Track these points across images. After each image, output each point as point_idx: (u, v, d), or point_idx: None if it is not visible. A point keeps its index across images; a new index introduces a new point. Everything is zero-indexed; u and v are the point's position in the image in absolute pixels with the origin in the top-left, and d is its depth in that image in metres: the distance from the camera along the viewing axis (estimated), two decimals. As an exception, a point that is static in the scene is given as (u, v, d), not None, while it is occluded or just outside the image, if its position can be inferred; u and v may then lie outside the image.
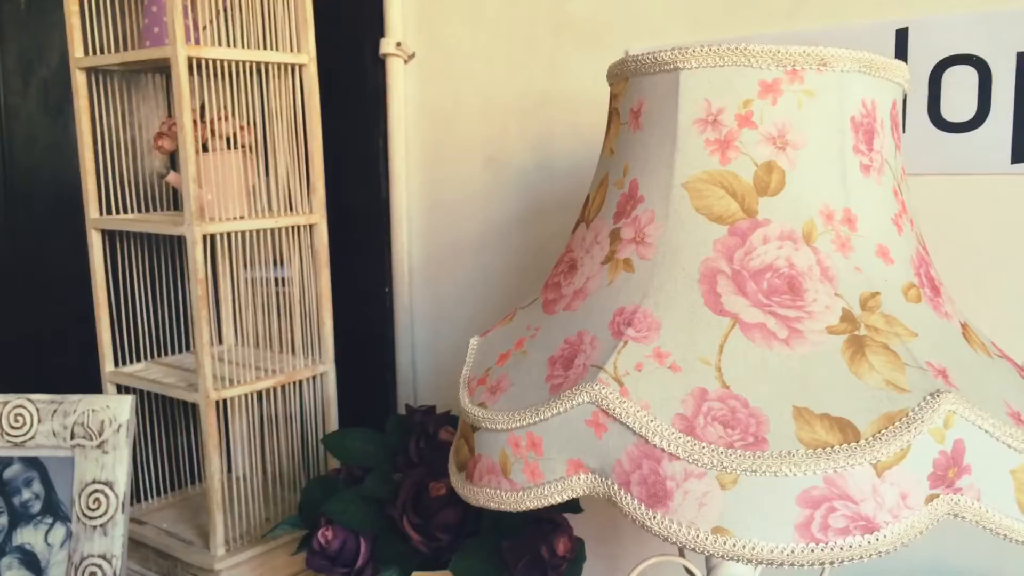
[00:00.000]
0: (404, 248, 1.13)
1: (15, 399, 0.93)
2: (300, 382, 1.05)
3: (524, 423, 0.57)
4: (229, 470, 1.15)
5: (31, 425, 0.92)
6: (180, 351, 1.14)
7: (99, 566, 0.89)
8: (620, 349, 0.56)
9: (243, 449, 1.04)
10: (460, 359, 1.10)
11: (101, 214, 1.05)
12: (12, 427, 0.92)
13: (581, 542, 0.84)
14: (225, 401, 0.99)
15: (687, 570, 0.75)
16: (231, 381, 0.98)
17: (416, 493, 0.81)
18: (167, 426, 1.13)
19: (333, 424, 1.08)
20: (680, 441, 0.51)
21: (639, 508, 0.52)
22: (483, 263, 1.07)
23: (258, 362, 1.04)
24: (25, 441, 0.92)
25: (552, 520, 0.81)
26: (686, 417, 0.52)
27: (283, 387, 1.04)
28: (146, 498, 1.11)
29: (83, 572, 0.89)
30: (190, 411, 1.14)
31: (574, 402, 0.55)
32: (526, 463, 0.57)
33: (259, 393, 1.02)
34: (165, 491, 1.13)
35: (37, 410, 0.93)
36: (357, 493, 0.82)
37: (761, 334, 0.54)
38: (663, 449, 0.51)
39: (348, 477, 0.86)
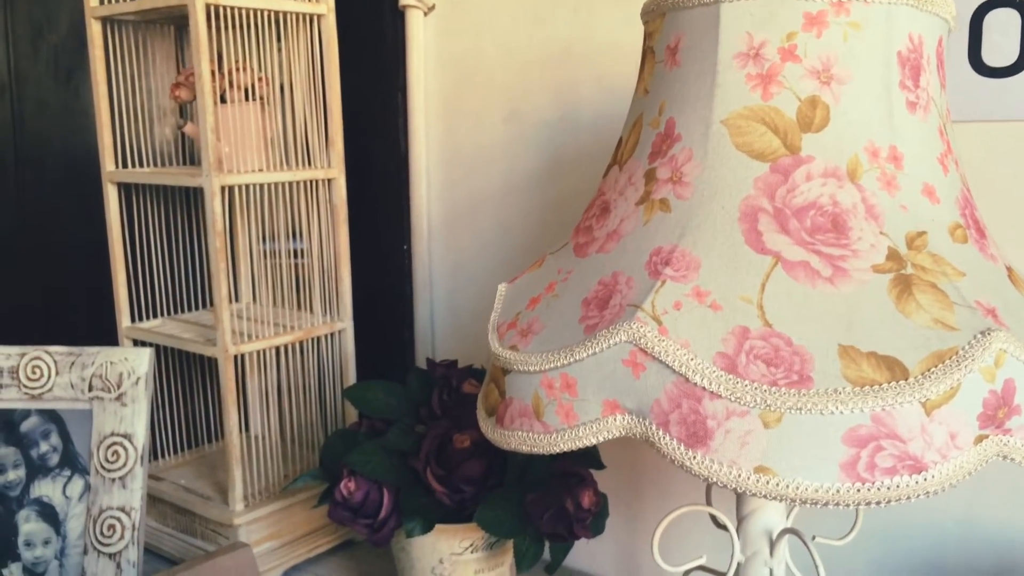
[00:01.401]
0: (423, 204, 1.11)
1: (32, 351, 0.92)
2: (318, 339, 1.04)
3: (558, 364, 0.56)
4: (246, 429, 1.14)
5: (49, 377, 0.91)
6: (197, 308, 1.13)
7: (118, 519, 0.89)
8: (658, 288, 0.54)
9: (260, 407, 1.03)
10: (480, 316, 1.09)
11: (117, 168, 1.04)
12: (29, 379, 0.91)
13: (605, 497, 0.83)
14: (243, 357, 0.98)
15: (714, 520, 0.74)
16: (249, 336, 0.97)
17: (440, 445, 0.80)
18: (184, 384, 1.12)
19: (351, 381, 1.07)
20: (722, 379, 0.50)
21: (678, 448, 0.51)
22: (503, 218, 1.05)
23: (276, 319, 1.03)
24: (43, 393, 0.91)
25: (577, 473, 0.80)
26: (727, 355, 0.51)
27: (301, 343, 1.03)
28: (163, 455, 1.11)
29: (102, 525, 0.88)
30: (207, 368, 1.13)
31: (611, 341, 0.53)
32: (560, 405, 0.56)
33: (277, 349, 1.01)
34: (182, 449, 1.12)
35: (55, 362, 0.92)
36: (379, 445, 0.81)
37: (804, 272, 0.53)
38: (704, 388, 0.50)
39: (369, 430, 0.85)
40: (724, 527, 0.73)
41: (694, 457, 0.50)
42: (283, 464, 1.03)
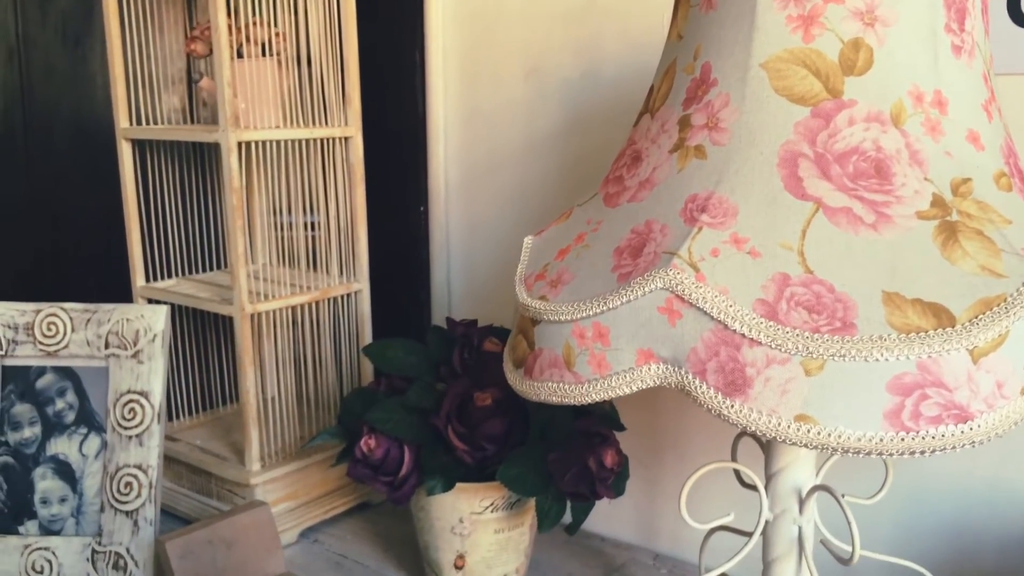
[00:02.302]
0: (440, 164, 1.09)
1: (48, 307, 0.91)
2: (334, 299, 1.03)
3: (590, 313, 0.54)
4: (262, 391, 1.13)
5: (64, 334, 0.90)
6: (211, 270, 1.11)
7: (135, 476, 0.88)
8: (694, 235, 0.53)
9: (277, 369, 1.02)
10: (497, 278, 1.08)
11: (131, 125, 1.02)
12: (45, 335, 0.90)
13: (625, 458, 0.82)
14: (259, 317, 0.97)
15: (740, 480, 0.73)
16: (265, 296, 0.96)
17: (461, 403, 0.78)
18: (198, 345, 1.11)
19: (367, 342, 1.06)
20: (762, 326, 0.48)
21: (715, 397, 0.50)
22: (522, 179, 1.04)
23: (292, 280, 1.02)
24: (58, 350, 0.90)
25: (599, 433, 0.79)
26: (767, 302, 0.49)
27: (317, 304, 1.01)
28: (177, 417, 1.10)
29: (118, 482, 0.88)
30: (222, 329, 1.12)
31: (646, 289, 0.52)
32: (592, 354, 0.54)
33: (293, 309, 1.00)
34: (196, 411, 1.12)
35: (70, 319, 0.91)
36: (400, 403, 0.80)
37: (847, 219, 0.51)
38: (743, 335, 0.49)
39: (389, 389, 0.84)
40: (751, 486, 0.72)
41: (732, 406, 0.49)
42: (299, 426, 1.02)
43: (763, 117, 0.54)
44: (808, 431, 0.47)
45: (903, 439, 0.46)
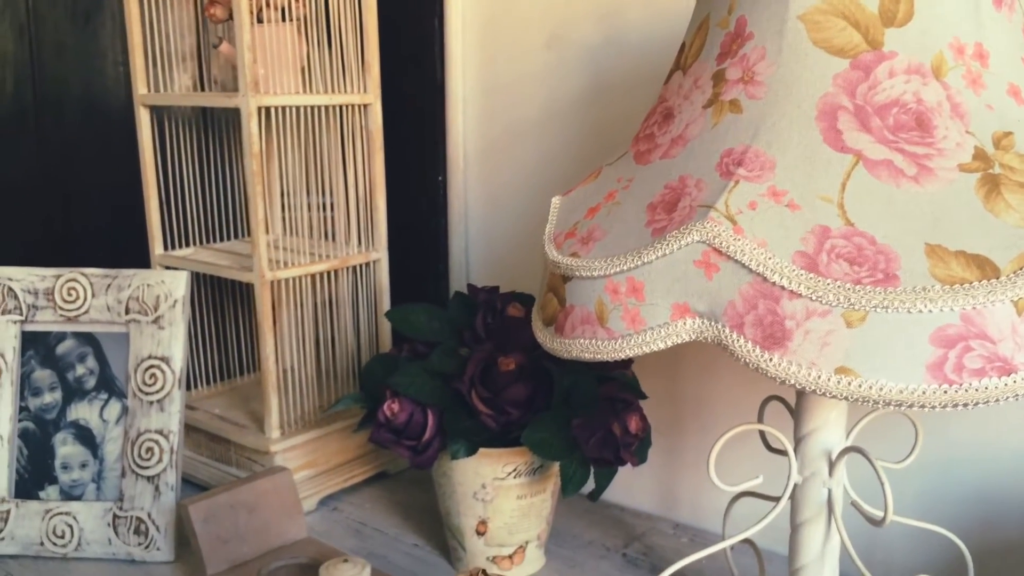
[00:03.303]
0: (460, 133, 1.09)
1: (68, 272, 0.90)
2: (353, 268, 1.02)
3: (624, 268, 0.54)
4: (280, 361, 1.13)
5: (85, 299, 0.90)
6: (229, 239, 1.11)
7: (156, 442, 0.88)
8: (731, 188, 0.52)
9: (296, 338, 1.02)
10: (517, 249, 1.07)
11: (149, 91, 1.02)
12: (65, 300, 0.90)
13: (649, 425, 0.82)
14: (278, 285, 0.96)
15: (766, 444, 0.73)
16: (284, 264, 0.96)
17: (484, 368, 0.78)
18: (216, 315, 1.10)
19: (386, 312, 1.05)
20: (802, 278, 0.48)
21: (753, 351, 0.49)
22: (543, 149, 1.03)
23: (311, 249, 1.01)
24: (79, 315, 0.90)
25: (624, 399, 0.79)
26: (807, 254, 0.49)
27: (336, 272, 1.01)
28: (195, 386, 1.10)
29: (140, 447, 0.88)
30: (239, 298, 1.12)
31: (682, 242, 0.51)
32: (626, 310, 0.54)
33: (312, 277, 0.99)
34: (213, 380, 1.11)
35: (91, 284, 0.90)
36: (423, 367, 0.80)
37: (888, 171, 0.50)
38: (783, 287, 0.48)
39: (411, 354, 0.83)
40: (778, 450, 0.72)
41: (770, 359, 0.49)
42: (317, 395, 1.02)
43: (800, 70, 0.54)
44: (849, 384, 0.47)
45: (946, 392, 0.46)
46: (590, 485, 0.80)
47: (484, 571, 0.45)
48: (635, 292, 0.53)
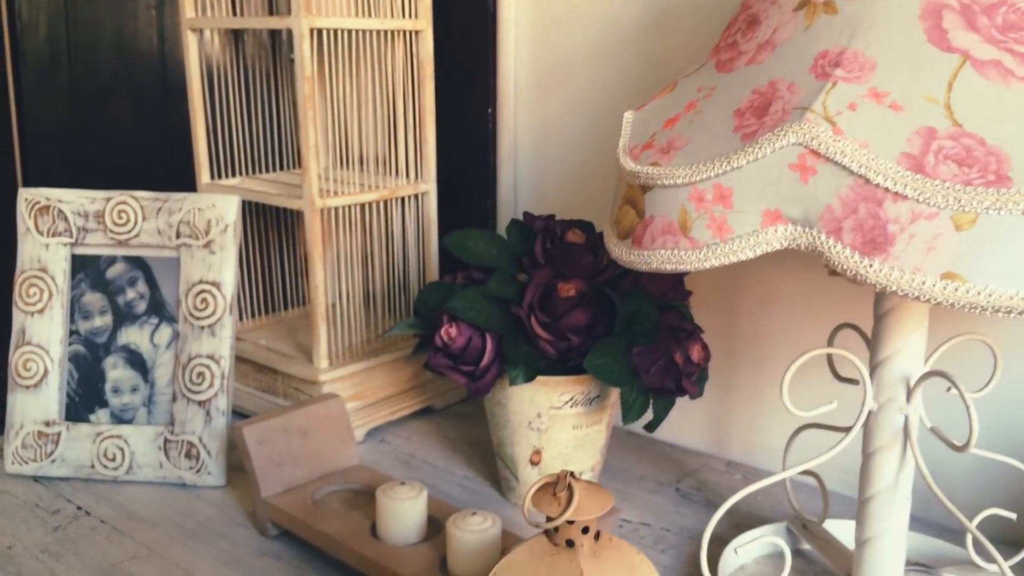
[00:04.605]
0: (511, 64, 1.06)
1: (118, 195, 0.89)
2: (403, 200, 1.01)
3: (711, 174, 0.52)
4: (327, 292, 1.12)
5: (135, 223, 0.89)
6: (274, 171, 1.09)
7: (207, 367, 0.87)
8: (828, 90, 0.50)
9: (344, 269, 1.01)
10: (568, 186, 1.05)
11: (196, 15, 1.00)
12: (116, 223, 0.89)
13: (709, 355, 0.80)
14: (328, 214, 0.94)
15: (835, 374, 0.71)
16: (334, 193, 0.94)
17: (544, 293, 0.76)
18: (261, 248, 1.09)
19: (434, 246, 1.04)
20: (908, 179, 0.46)
21: (852, 257, 0.47)
22: (597, 80, 1.00)
23: (360, 180, 1.00)
24: (129, 239, 0.89)
25: (685, 327, 0.77)
26: (913, 156, 0.46)
27: (385, 203, 0.99)
28: (240, 318, 1.09)
29: (191, 372, 0.87)
30: (284, 232, 1.11)
31: (776, 145, 0.49)
32: (712, 218, 0.52)
33: (361, 208, 0.98)
34: (258, 314, 1.11)
35: (141, 207, 0.89)
36: (481, 292, 0.78)
37: (997, 71, 0.48)
38: (887, 189, 0.46)
39: (467, 281, 0.82)
40: (847, 379, 0.70)
41: (870, 265, 0.46)
42: (365, 328, 1.01)
43: (903, -33, 0.51)
44: (956, 290, 0.45)
45: (1059, 298, 0.44)
46: (645, 418, 0.79)
47: (572, 473, 0.44)
48: (722, 199, 0.51)
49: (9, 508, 0.83)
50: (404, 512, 0.71)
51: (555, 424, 0.80)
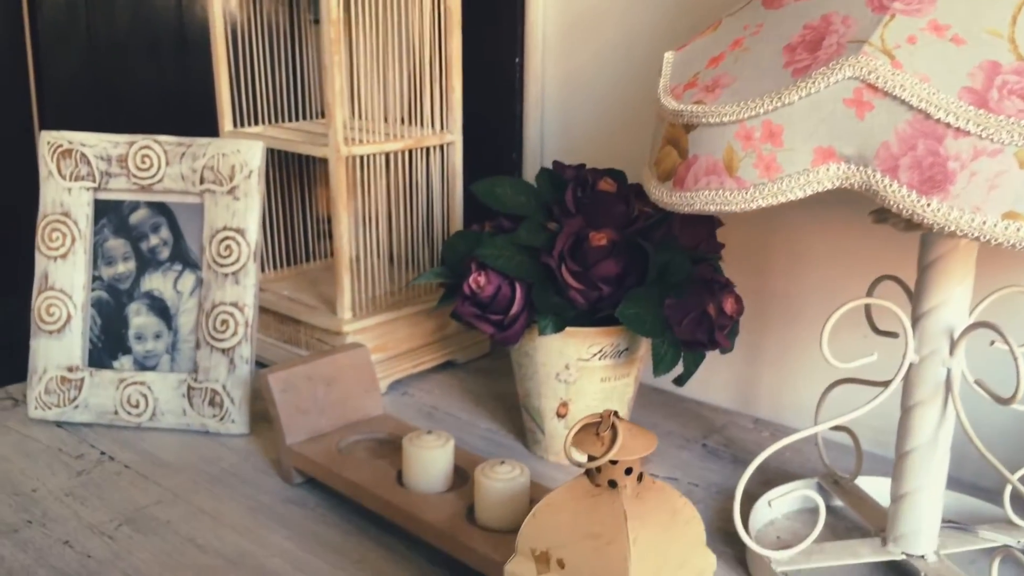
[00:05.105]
0: (539, 13, 1.04)
1: (142, 139, 0.88)
2: (427, 150, 0.99)
3: (760, 111, 0.50)
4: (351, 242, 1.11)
5: (159, 168, 0.88)
6: (297, 120, 1.08)
7: (231, 314, 0.86)
8: (886, 23, 0.48)
9: (367, 220, 0.99)
10: (596, 138, 1.03)
11: (219, -42, 0.98)
12: (139, 168, 0.88)
13: (744, 308, 0.78)
14: (353, 162, 0.93)
15: (873, 327, 0.69)
16: (359, 141, 0.92)
17: (575, 242, 0.75)
18: (283, 199, 1.08)
19: (459, 198, 1.02)
20: (971, 114, 0.44)
21: (908, 196, 0.45)
22: (628, 29, 0.98)
23: (385, 130, 0.98)
24: (152, 184, 0.88)
25: (718, 279, 0.75)
26: (975, 91, 0.44)
27: (410, 153, 0.98)
28: (262, 269, 1.08)
29: (214, 320, 0.86)
30: (306, 184, 1.09)
31: (831, 80, 0.47)
32: (759, 157, 0.50)
33: (386, 157, 0.96)
34: (279, 265, 1.09)
35: (165, 152, 0.88)
36: (510, 240, 0.77)
37: (1066, 3, 0.46)
38: (948, 124, 0.44)
39: (496, 230, 0.80)
40: (886, 332, 0.69)
41: (928, 205, 0.45)
42: (388, 280, 1.00)
43: None
44: (1018, 229, 0.43)
45: None
46: (674, 373, 0.77)
47: (615, 413, 0.42)
48: (771, 137, 0.49)
49: (33, 452, 0.82)
50: (431, 460, 0.70)
51: (583, 376, 0.79)
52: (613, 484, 0.43)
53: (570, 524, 0.42)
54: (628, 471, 0.43)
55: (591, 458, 0.43)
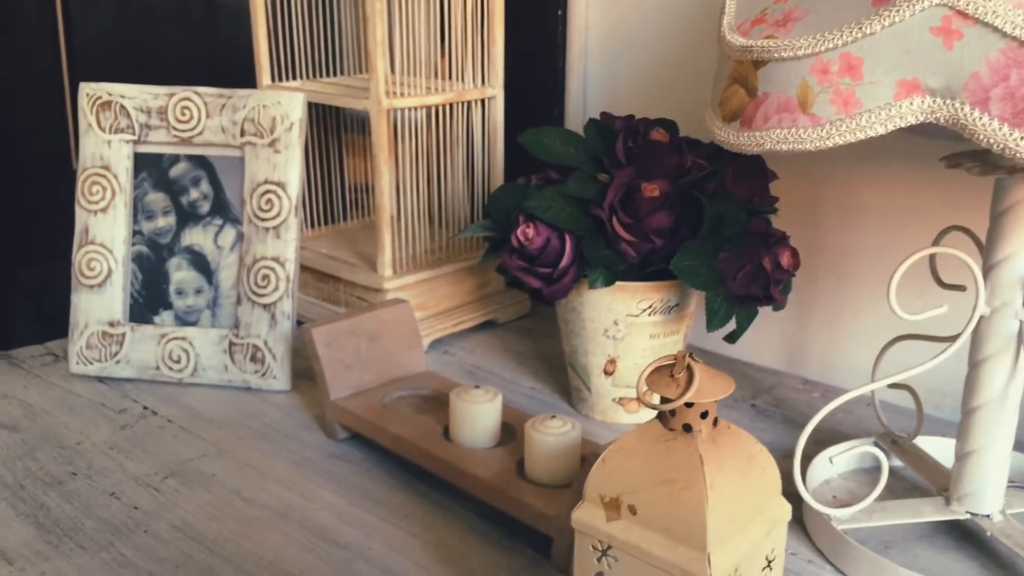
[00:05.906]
0: (584, -37, 1.01)
1: (181, 91, 0.86)
2: (468, 104, 0.97)
3: (839, 43, 0.47)
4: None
5: (199, 120, 0.86)
6: (334, 75, 1.06)
7: (272, 269, 0.85)
8: (976, -53, 0.45)
9: (408, 176, 0.97)
10: (640, 94, 1.01)
11: (257, -93, 0.95)
12: (179, 120, 0.86)
13: (800, 262, 0.76)
14: (394, 115, 0.91)
15: (939, 281, 0.67)
16: (400, 95, 0.90)
17: (626, 193, 0.73)
18: (320, 157, 1.06)
19: (500, 153, 1.00)
20: (1072, 40, 0.41)
21: (999, 129, 0.43)
22: (676, -21, 0.95)
23: (426, 83, 0.96)
24: (192, 137, 0.87)
25: (774, 233, 0.73)
26: (1076, 15, 0.42)
27: (451, 107, 0.96)
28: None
29: (255, 274, 0.85)
30: (344, 141, 1.08)
31: (916, 8, 0.45)
32: (836, 92, 0.48)
33: (427, 111, 0.94)
34: (317, 224, 1.08)
35: (205, 104, 0.86)
36: (558, 191, 0.75)
37: None
38: (1046, 51, 0.41)
39: (543, 182, 0.78)
40: (952, 286, 0.66)
41: (1022, 139, 0.42)
42: (429, 239, 0.98)
43: None
44: (1121, 162, 0.40)
45: None
46: (725, 331, 0.75)
47: (691, 354, 0.41)
48: (850, 70, 0.47)
49: (76, 407, 0.82)
50: (479, 415, 0.69)
51: (632, 332, 0.77)
52: (688, 428, 0.41)
53: (642, 469, 0.41)
54: (704, 415, 0.41)
55: (664, 401, 0.41)
